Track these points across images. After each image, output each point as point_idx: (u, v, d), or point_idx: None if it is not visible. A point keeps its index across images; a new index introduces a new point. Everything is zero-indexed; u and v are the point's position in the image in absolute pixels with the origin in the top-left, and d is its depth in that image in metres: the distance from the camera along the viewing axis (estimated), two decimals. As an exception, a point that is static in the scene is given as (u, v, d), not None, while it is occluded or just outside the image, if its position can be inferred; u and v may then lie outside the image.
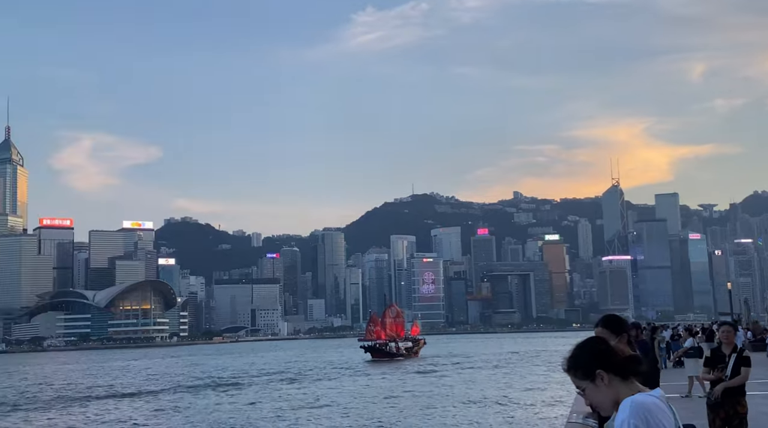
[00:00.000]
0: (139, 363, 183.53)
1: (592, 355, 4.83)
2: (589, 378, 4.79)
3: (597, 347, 4.83)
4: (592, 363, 4.79)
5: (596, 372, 4.75)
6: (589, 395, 4.79)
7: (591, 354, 4.84)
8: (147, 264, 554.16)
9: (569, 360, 4.94)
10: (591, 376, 4.78)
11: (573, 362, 4.90)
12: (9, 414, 72.37)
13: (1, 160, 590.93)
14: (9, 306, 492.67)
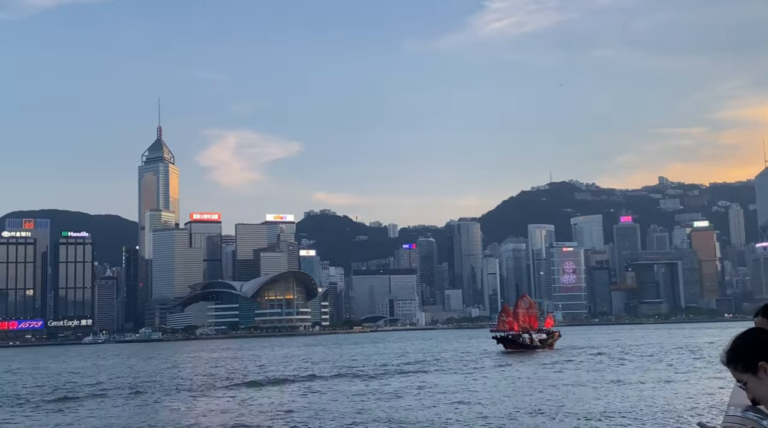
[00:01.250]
0: (300, 352, 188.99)
1: (754, 347, 4.66)
2: (750, 370, 4.64)
3: (759, 338, 4.68)
4: (754, 355, 4.64)
5: (759, 364, 4.60)
6: (751, 388, 4.63)
7: (753, 346, 4.67)
8: (289, 256, 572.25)
9: (729, 352, 4.77)
10: (753, 369, 4.62)
11: (733, 354, 4.74)
12: (193, 396, 75.95)
13: (154, 158, 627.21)
14: (164, 297, 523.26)
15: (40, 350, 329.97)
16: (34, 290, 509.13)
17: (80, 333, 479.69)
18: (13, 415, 65.63)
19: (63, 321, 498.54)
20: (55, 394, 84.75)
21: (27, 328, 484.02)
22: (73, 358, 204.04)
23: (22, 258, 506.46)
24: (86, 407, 69.94)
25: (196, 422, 56.67)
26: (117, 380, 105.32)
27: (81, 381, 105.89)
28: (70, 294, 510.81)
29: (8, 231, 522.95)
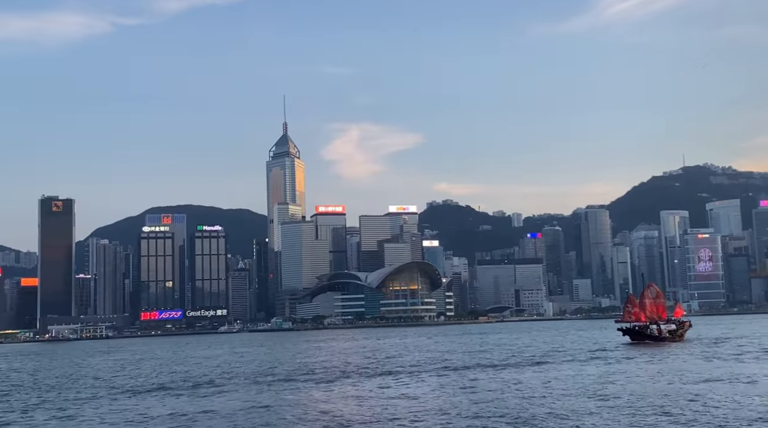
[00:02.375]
0: (427, 341, 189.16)
1: None
2: None
3: None
4: None
5: None
6: None
7: None
8: (412, 247, 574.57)
9: None
10: None
11: None
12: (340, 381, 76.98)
13: (281, 153, 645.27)
14: (293, 288, 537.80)
15: (181, 339, 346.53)
16: (173, 282, 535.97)
17: (216, 322, 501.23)
18: (176, 399, 68.13)
19: (200, 311, 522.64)
20: (215, 379, 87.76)
21: (168, 318, 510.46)
22: (217, 346, 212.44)
23: (161, 251, 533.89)
24: (232, 392, 71.79)
25: (338, 409, 56.74)
26: (259, 367, 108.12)
27: (234, 369, 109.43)
28: (206, 286, 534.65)
29: (148, 226, 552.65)
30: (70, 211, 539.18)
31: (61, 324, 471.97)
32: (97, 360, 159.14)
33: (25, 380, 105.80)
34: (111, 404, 66.92)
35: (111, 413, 60.55)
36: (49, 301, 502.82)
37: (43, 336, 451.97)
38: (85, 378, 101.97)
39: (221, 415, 55.73)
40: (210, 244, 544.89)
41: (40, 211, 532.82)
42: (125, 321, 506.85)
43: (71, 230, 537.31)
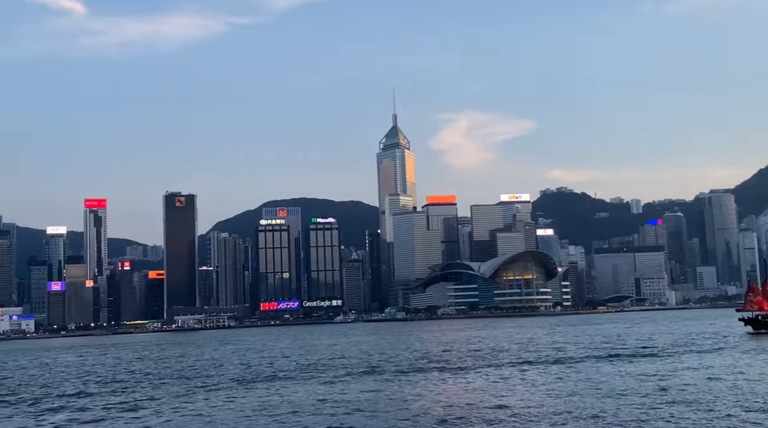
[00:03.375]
0: (544, 332, 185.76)
1: None
2: None
3: None
4: None
5: None
6: None
7: None
8: (526, 236, 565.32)
9: None
10: None
11: None
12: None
13: (391, 145, 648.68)
14: (406, 278, 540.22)
15: (299, 328, 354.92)
16: (290, 273, 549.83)
17: (331, 312, 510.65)
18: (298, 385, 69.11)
19: (316, 301, 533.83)
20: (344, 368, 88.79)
21: (285, 308, 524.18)
22: (335, 335, 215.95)
23: (278, 243, 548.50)
24: (351, 381, 72.11)
25: (454, 399, 55.75)
26: (376, 356, 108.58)
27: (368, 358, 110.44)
28: (321, 277, 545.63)
29: (265, 219, 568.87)
30: (192, 207, 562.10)
31: (186, 315, 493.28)
32: (229, 348, 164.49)
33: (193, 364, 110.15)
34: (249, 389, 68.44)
35: (249, 398, 61.78)
36: (174, 292, 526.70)
37: (169, 326, 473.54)
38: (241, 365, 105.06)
39: (342, 403, 55.75)
40: (324, 236, 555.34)
41: (165, 206, 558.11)
42: (246, 312, 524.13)
43: (194, 224, 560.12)
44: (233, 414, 52.93)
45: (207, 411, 55.58)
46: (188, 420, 51.01)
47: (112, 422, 52.63)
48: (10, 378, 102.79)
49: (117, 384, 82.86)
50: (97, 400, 65.75)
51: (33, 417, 57.04)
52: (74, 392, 74.99)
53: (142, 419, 53.10)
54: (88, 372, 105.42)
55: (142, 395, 68.78)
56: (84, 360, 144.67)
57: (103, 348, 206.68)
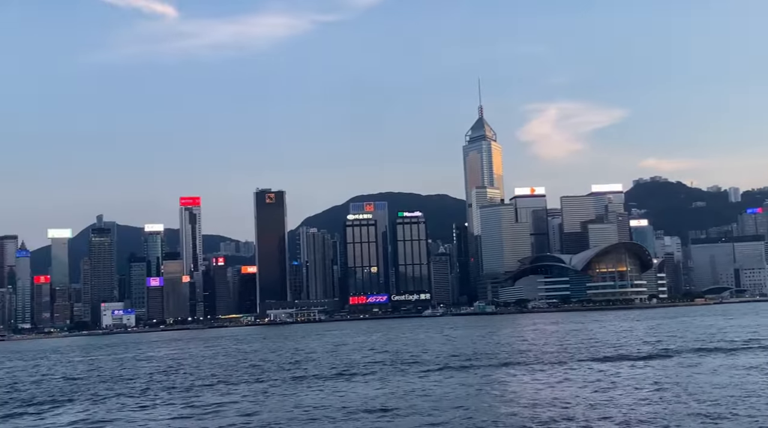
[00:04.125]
0: (641, 325, 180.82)
1: None
2: None
3: None
4: None
5: None
6: None
7: None
8: (619, 227, 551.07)
9: None
10: None
11: None
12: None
13: (477, 137, 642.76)
14: (494, 271, 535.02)
15: (388, 322, 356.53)
16: (378, 267, 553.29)
17: (420, 306, 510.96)
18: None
19: (404, 295, 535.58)
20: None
21: (374, 302, 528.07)
22: (423, 329, 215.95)
23: (365, 238, 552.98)
24: (456, 374, 71.65)
25: (550, 394, 54.47)
26: (468, 350, 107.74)
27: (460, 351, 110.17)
28: (408, 270, 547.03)
29: (352, 214, 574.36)
30: (282, 203, 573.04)
31: (278, 309, 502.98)
32: (317, 341, 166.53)
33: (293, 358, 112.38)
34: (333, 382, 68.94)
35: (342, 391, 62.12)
36: (266, 287, 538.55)
37: (262, 320, 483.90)
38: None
39: (436, 396, 55.29)
40: (411, 230, 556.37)
41: (256, 203, 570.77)
42: (335, 306, 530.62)
43: (283, 220, 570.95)
44: (337, 404, 53.27)
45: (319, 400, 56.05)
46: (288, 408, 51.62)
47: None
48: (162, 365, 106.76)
49: (253, 371, 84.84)
50: (241, 386, 67.45)
51: (191, 398, 58.87)
52: (242, 379, 77.12)
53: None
54: (222, 363, 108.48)
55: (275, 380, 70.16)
56: (214, 351, 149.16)
57: (213, 341, 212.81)
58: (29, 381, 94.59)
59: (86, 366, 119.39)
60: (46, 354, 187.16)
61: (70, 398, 68.56)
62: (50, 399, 68.36)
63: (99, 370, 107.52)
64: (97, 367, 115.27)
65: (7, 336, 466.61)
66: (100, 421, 52.54)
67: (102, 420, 52.78)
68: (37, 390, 78.97)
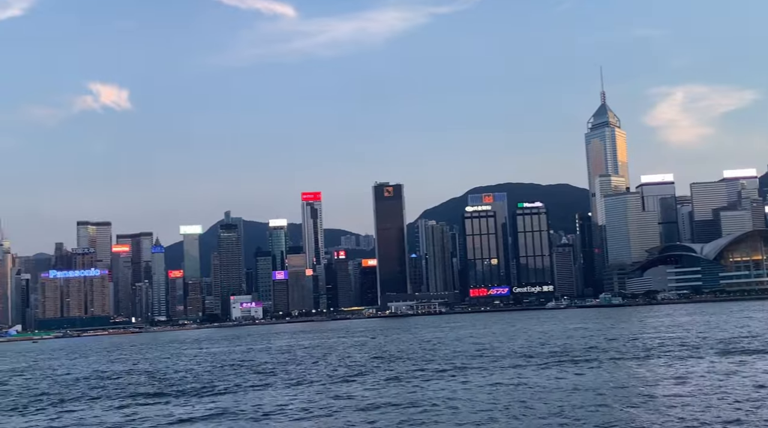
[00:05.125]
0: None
1: None
2: None
3: None
4: None
5: None
6: None
7: None
8: (753, 213, 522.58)
9: None
10: None
11: None
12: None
13: (600, 124, 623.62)
14: (621, 262, 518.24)
15: (510, 315, 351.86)
16: (498, 259, 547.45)
17: (543, 298, 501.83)
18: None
19: (526, 287, 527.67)
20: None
21: (495, 294, 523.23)
22: (548, 321, 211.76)
23: (485, 230, 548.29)
24: (592, 368, 69.40)
25: (692, 391, 51.40)
26: (605, 342, 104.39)
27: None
28: (530, 262, 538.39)
29: (471, 206, 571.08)
30: (400, 196, 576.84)
31: (398, 301, 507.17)
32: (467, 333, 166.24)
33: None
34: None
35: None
36: (387, 280, 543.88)
37: (383, 312, 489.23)
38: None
39: (582, 390, 53.39)
40: (531, 221, 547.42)
41: (374, 196, 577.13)
42: (456, 298, 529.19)
43: (402, 213, 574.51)
44: (482, 395, 52.41)
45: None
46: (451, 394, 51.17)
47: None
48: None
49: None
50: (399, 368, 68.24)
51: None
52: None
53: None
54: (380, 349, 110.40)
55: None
56: (361, 341, 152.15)
57: (343, 332, 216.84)
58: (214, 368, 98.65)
59: (267, 355, 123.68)
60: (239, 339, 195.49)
61: (301, 378, 70.88)
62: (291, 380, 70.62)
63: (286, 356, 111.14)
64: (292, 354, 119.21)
65: (145, 328, 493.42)
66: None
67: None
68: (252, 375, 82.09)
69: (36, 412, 58.10)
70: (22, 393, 75.82)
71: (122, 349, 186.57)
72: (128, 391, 69.13)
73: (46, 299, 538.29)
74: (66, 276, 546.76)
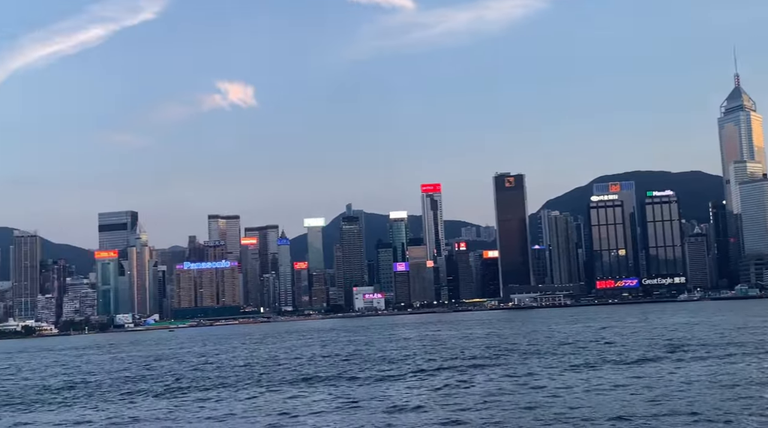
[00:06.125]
0: None
1: None
2: None
3: None
4: None
5: None
6: None
7: None
8: None
9: None
10: None
11: None
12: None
13: (734, 107, 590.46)
14: (758, 252, 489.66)
15: (640, 307, 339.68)
16: (626, 250, 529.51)
17: (674, 290, 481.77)
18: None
19: (656, 279, 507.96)
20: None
21: (624, 286, 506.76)
22: (681, 314, 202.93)
23: (611, 220, 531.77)
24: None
25: None
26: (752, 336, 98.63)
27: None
28: (660, 253, 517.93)
29: (596, 195, 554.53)
30: (522, 186, 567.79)
31: (521, 293, 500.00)
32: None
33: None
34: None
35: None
36: (508, 271, 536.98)
37: (506, 304, 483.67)
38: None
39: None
40: (662, 210, 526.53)
41: (495, 187, 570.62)
42: (581, 290, 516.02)
43: (523, 204, 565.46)
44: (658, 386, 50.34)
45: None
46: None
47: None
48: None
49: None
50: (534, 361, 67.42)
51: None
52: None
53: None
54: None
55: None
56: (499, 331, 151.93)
57: (470, 324, 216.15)
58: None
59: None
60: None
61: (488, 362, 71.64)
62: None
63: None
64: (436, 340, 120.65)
65: (273, 318, 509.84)
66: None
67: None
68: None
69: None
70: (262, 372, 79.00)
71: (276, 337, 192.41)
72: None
73: (181, 289, 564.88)
74: (199, 268, 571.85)
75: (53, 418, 51.45)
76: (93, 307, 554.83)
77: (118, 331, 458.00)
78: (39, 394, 69.11)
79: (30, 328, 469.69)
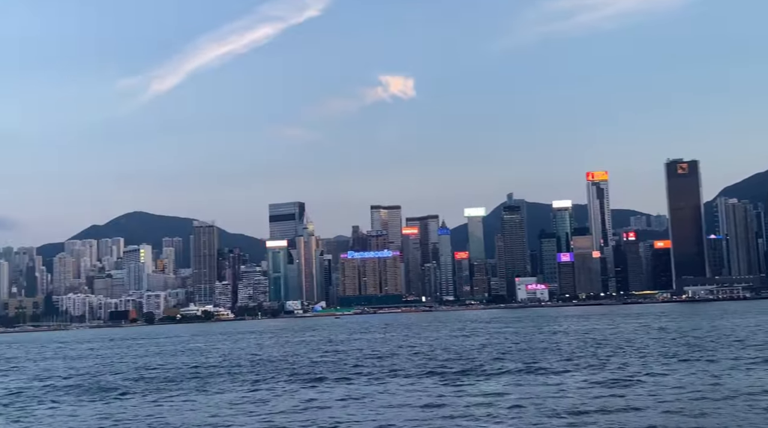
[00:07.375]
0: None
1: None
2: None
3: None
4: None
5: None
6: None
7: None
8: None
9: None
10: None
11: None
12: None
13: None
14: None
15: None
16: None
17: None
18: None
19: None
20: None
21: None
22: None
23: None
24: None
25: None
26: None
27: None
28: None
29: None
30: (696, 172, 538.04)
31: (695, 285, 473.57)
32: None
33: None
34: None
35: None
36: (681, 262, 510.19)
37: (679, 297, 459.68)
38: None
39: None
40: None
41: (666, 174, 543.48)
42: (762, 282, 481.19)
43: (698, 191, 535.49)
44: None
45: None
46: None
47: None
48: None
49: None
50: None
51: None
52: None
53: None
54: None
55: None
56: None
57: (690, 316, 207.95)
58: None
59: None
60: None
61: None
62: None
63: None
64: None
65: (434, 307, 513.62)
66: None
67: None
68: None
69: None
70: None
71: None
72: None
73: (345, 278, 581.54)
74: (362, 257, 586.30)
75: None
76: (265, 294, 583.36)
77: (288, 317, 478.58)
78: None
79: (209, 313, 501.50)
